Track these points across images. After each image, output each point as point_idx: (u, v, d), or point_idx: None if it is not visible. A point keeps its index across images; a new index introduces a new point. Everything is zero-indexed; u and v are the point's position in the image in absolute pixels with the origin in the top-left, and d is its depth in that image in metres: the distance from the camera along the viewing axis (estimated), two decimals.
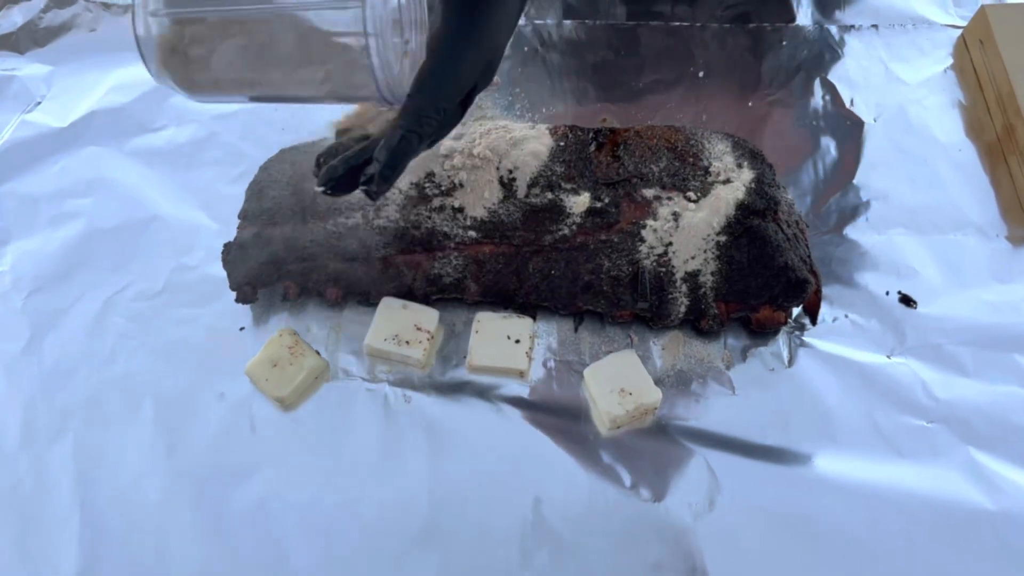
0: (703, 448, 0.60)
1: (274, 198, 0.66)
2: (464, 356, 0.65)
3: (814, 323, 0.66)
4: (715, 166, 0.65)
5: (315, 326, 0.67)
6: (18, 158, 0.77)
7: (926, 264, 0.69)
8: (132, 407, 0.63)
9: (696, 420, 0.62)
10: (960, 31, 0.85)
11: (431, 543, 0.57)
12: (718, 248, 0.62)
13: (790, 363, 0.64)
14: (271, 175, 0.68)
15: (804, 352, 0.64)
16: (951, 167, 0.75)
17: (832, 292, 0.67)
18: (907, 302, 0.67)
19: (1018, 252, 0.70)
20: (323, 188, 0.53)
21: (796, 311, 0.66)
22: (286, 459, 0.61)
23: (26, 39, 0.85)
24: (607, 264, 0.63)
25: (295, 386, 0.62)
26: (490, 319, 0.65)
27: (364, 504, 0.59)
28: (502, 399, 0.63)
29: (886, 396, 0.62)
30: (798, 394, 0.63)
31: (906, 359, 0.64)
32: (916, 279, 0.68)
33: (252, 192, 0.67)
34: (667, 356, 0.65)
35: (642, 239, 0.62)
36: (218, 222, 0.72)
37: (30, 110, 0.80)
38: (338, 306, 0.67)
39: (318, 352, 0.65)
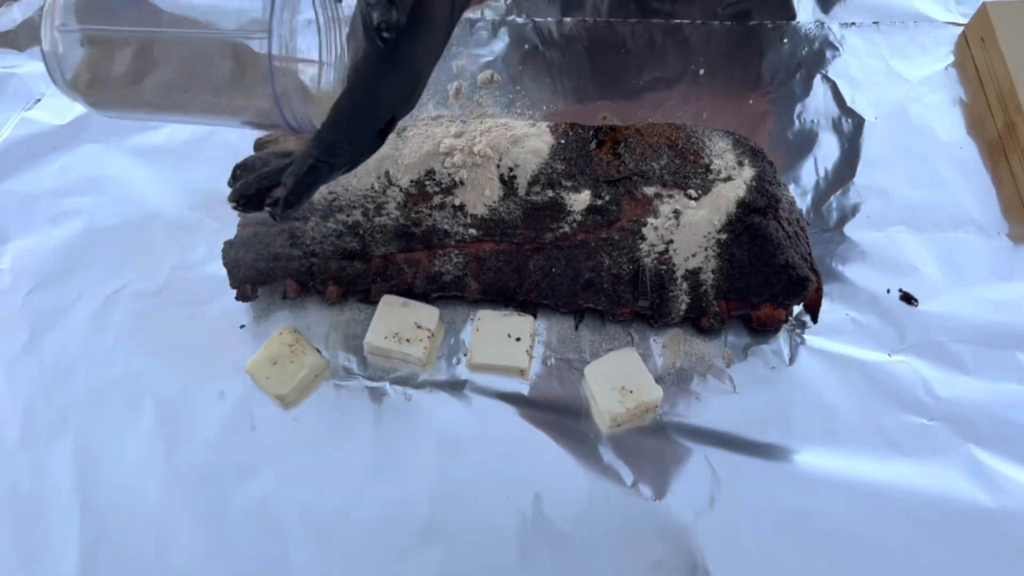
0: (704, 446, 0.60)
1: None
2: (464, 354, 0.65)
3: (815, 321, 0.66)
4: (716, 164, 0.65)
5: (315, 324, 0.66)
6: (17, 156, 0.77)
7: (927, 262, 0.69)
8: (132, 406, 0.63)
9: (697, 418, 0.62)
10: (961, 28, 0.85)
11: (432, 541, 0.57)
12: (719, 246, 0.62)
13: (791, 361, 0.64)
14: None
15: (805, 350, 0.64)
16: (952, 165, 0.75)
17: (833, 290, 0.67)
18: (908, 300, 0.67)
19: (1019, 250, 0.70)
20: (234, 204, 0.53)
21: (797, 309, 0.66)
22: (286, 457, 0.61)
23: (26, 36, 0.84)
24: (608, 262, 0.62)
25: (295, 384, 0.62)
26: (491, 317, 0.65)
27: (365, 502, 0.59)
28: (502, 397, 0.63)
29: (887, 394, 0.62)
30: (799, 392, 0.63)
31: (907, 357, 0.64)
32: (917, 277, 0.68)
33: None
34: (668, 354, 0.64)
35: (643, 237, 0.62)
36: (218, 220, 0.72)
37: (30, 107, 0.80)
38: (338, 304, 0.67)
39: (318, 350, 0.64)
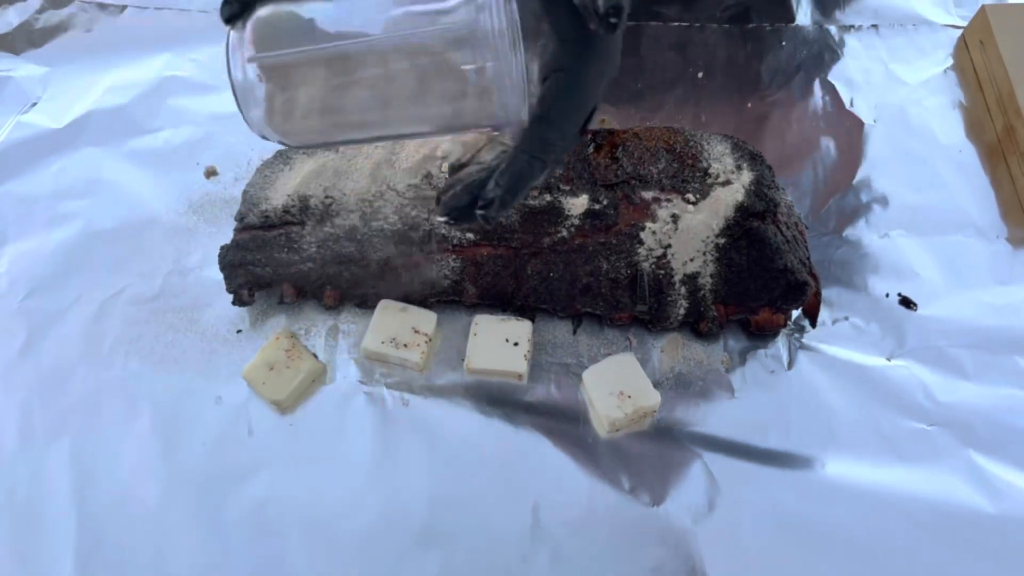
0: (703, 451, 0.60)
1: (271, 200, 0.66)
2: (462, 359, 0.64)
3: (814, 325, 0.66)
4: (714, 168, 0.65)
5: (312, 329, 0.66)
6: (14, 159, 0.76)
7: (926, 266, 0.69)
8: (129, 410, 0.63)
9: (695, 423, 0.61)
10: (960, 31, 0.85)
11: (429, 546, 0.57)
12: (717, 250, 0.62)
13: (790, 366, 0.64)
14: (268, 177, 0.67)
15: (804, 355, 0.64)
16: (951, 168, 0.75)
17: (832, 294, 0.67)
18: (907, 304, 0.67)
19: (1018, 254, 0.70)
20: (446, 218, 0.51)
21: (796, 313, 0.66)
22: (284, 463, 0.60)
23: (22, 40, 0.84)
24: (606, 266, 0.62)
25: (292, 389, 0.62)
26: (488, 322, 0.64)
27: (362, 508, 0.58)
28: (500, 402, 0.63)
29: (886, 399, 0.62)
30: (798, 397, 0.62)
31: (906, 361, 0.64)
32: (916, 281, 0.68)
33: (248, 194, 0.67)
34: (666, 359, 0.64)
35: (641, 241, 0.62)
36: (215, 224, 0.72)
37: (26, 111, 0.79)
38: (335, 309, 0.67)
39: (315, 355, 0.64)
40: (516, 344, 0.63)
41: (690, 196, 0.63)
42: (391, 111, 0.48)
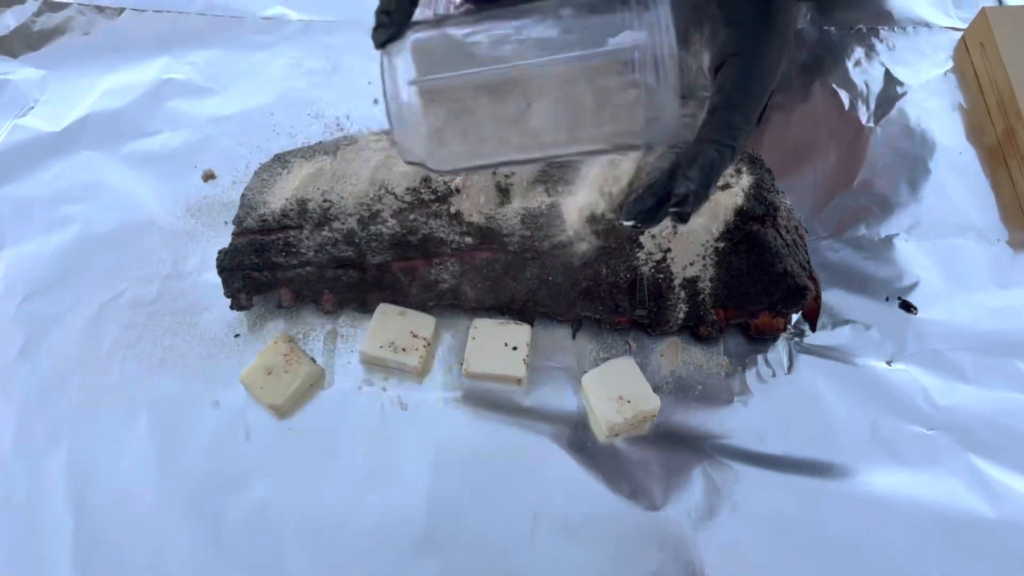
0: (702, 456, 0.60)
1: (269, 204, 0.65)
2: (461, 363, 0.64)
3: (813, 329, 0.65)
4: None
5: (311, 333, 0.66)
6: (11, 163, 0.76)
7: (926, 269, 0.69)
8: (127, 414, 0.62)
9: (695, 427, 0.61)
10: (961, 34, 0.85)
11: (428, 552, 0.57)
12: (717, 254, 0.62)
13: (789, 370, 0.64)
14: (265, 180, 0.67)
15: (803, 359, 0.64)
16: (951, 171, 0.75)
17: (831, 298, 0.67)
18: (907, 308, 0.67)
19: (1019, 257, 0.70)
20: (633, 222, 0.49)
21: (795, 317, 0.66)
22: (281, 467, 0.60)
23: (19, 43, 0.84)
24: (605, 270, 0.62)
25: (290, 394, 0.62)
26: (487, 326, 0.64)
27: (360, 512, 0.58)
28: (499, 406, 0.62)
29: (886, 403, 0.62)
30: (797, 401, 0.62)
31: (906, 365, 0.64)
32: (916, 285, 0.68)
33: (246, 198, 0.67)
34: (666, 363, 0.64)
35: (640, 245, 0.62)
36: (213, 228, 0.72)
37: (23, 114, 0.79)
38: (334, 313, 0.67)
39: (313, 359, 0.64)
40: (515, 348, 0.63)
41: None
42: (550, 134, 0.48)
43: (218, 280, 0.65)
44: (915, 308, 0.66)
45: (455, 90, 0.47)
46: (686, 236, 0.62)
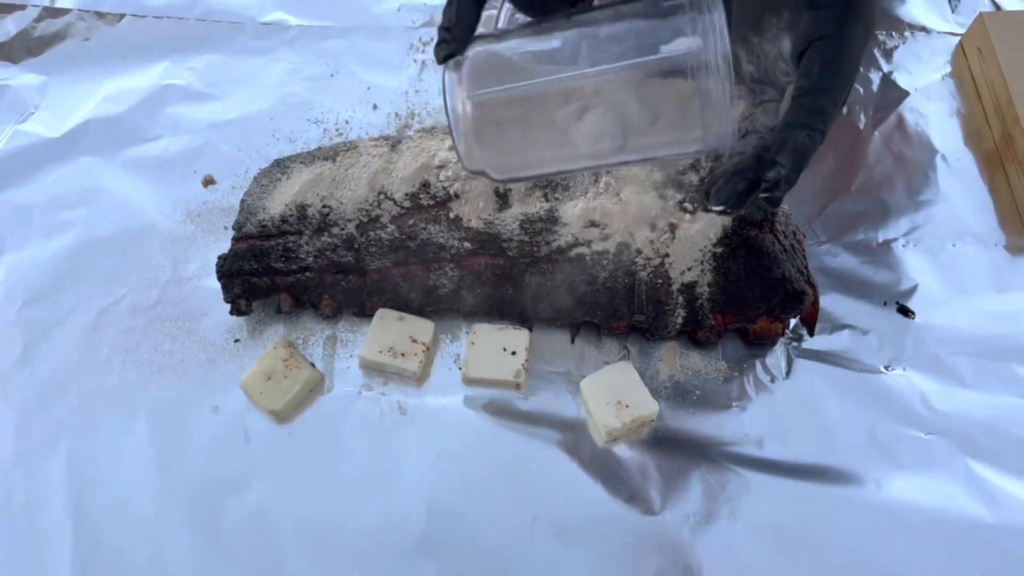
0: (700, 461, 0.60)
1: (268, 209, 0.66)
2: (460, 368, 0.64)
3: (811, 334, 0.65)
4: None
5: (310, 338, 0.66)
6: (11, 168, 0.76)
7: (924, 274, 0.69)
8: (126, 420, 0.63)
9: (693, 432, 0.61)
10: (958, 39, 0.85)
11: (427, 555, 0.57)
12: (715, 259, 0.62)
13: (787, 374, 0.64)
14: (265, 186, 0.67)
15: (802, 363, 0.64)
16: (949, 176, 0.75)
17: (829, 303, 0.67)
18: (905, 312, 0.67)
19: (1016, 262, 0.70)
20: (720, 208, 0.49)
21: (793, 322, 0.66)
22: (281, 472, 0.60)
23: (19, 48, 0.84)
24: (603, 275, 0.62)
25: (290, 399, 0.62)
26: (486, 331, 0.64)
27: (359, 517, 0.58)
28: (497, 411, 0.63)
29: (884, 407, 0.62)
30: (795, 405, 0.62)
31: (904, 370, 0.64)
32: (914, 289, 0.68)
33: (246, 203, 0.67)
34: (664, 367, 0.64)
35: (638, 250, 0.62)
36: (213, 233, 0.72)
37: (23, 120, 0.79)
38: (333, 318, 0.67)
39: (313, 364, 0.64)
40: (514, 353, 0.63)
41: (687, 205, 0.63)
42: (606, 143, 0.49)
43: (218, 285, 0.65)
44: (913, 313, 0.67)
45: (512, 102, 0.48)
46: (684, 241, 0.62)
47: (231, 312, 0.66)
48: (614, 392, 0.61)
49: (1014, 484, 0.59)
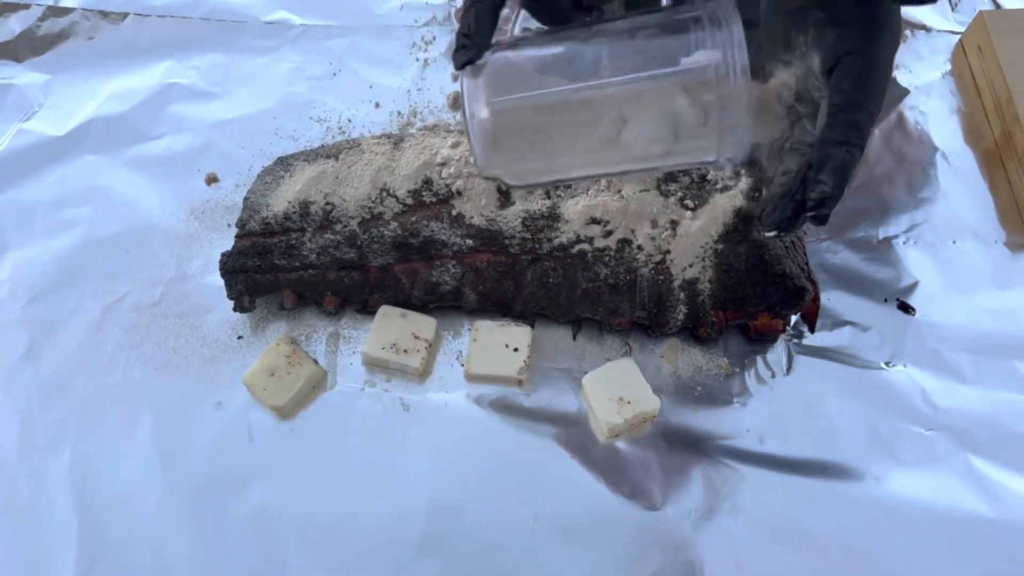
0: (702, 457, 0.60)
1: (271, 206, 0.66)
2: (462, 364, 0.64)
3: (812, 331, 0.66)
4: (713, 174, 0.65)
5: (313, 335, 0.67)
6: (15, 167, 0.76)
7: (924, 271, 0.69)
8: (130, 417, 0.63)
9: (694, 428, 0.62)
10: (958, 37, 0.85)
11: (430, 552, 0.57)
12: (716, 256, 0.62)
13: (788, 371, 0.64)
14: (268, 183, 0.68)
15: (803, 360, 0.64)
16: (950, 174, 0.75)
17: (830, 299, 0.67)
18: (906, 309, 0.67)
19: (1016, 258, 0.70)
20: (773, 232, 0.51)
21: (794, 319, 0.66)
22: (284, 468, 0.60)
23: (24, 47, 0.85)
24: (605, 272, 0.62)
25: (293, 395, 0.62)
26: (488, 327, 0.65)
27: (363, 513, 0.59)
28: (500, 407, 0.63)
29: (885, 404, 0.62)
30: (796, 402, 0.63)
31: (905, 366, 0.64)
32: (915, 286, 0.68)
33: (249, 201, 0.67)
34: (665, 364, 0.64)
35: (640, 247, 0.62)
36: (216, 231, 0.72)
37: (28, 118, 0.80)
38: (336, 315, 0.67)
39: (316, 361, 0.64)
40: (516, 350, 0.63)
41: (689, 202, 0.63)
42: (622, 151, 0.49)
43: (221, 282, 0.65)
44: (914, 309, 0.67)
45: (530, 110, 0.49)
46: (685, 238, 0.62)
47: (234, 309, 0.66)
48: (616, 388, 0.61)
49: (1014, 480, 0.59)
